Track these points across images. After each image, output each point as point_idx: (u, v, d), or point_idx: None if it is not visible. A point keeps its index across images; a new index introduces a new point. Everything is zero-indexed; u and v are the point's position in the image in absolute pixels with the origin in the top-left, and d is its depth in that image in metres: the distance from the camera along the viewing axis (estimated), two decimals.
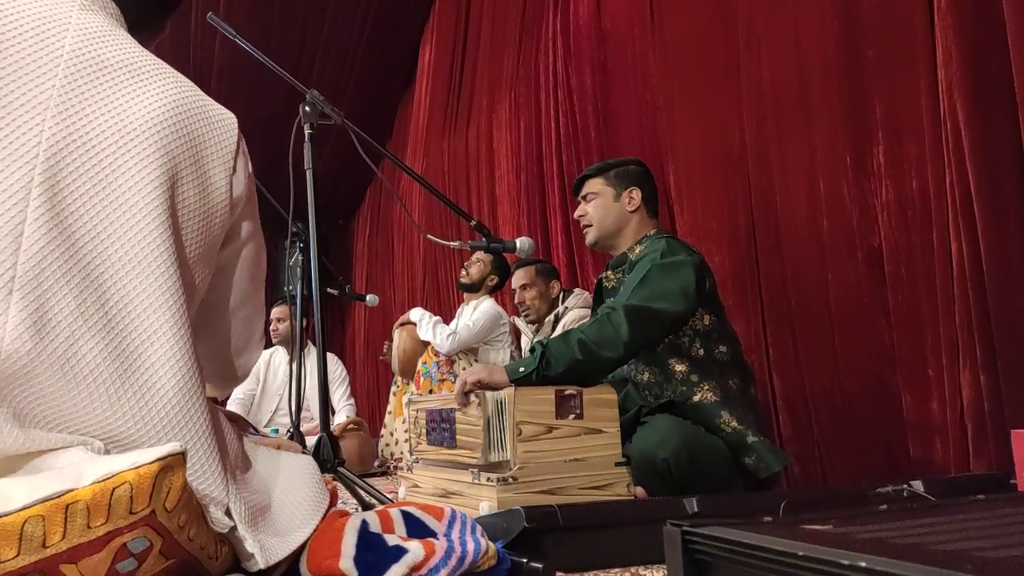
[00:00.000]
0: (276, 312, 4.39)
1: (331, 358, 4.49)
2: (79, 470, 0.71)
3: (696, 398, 1.87)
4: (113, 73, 0.91)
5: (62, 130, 0.85)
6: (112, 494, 0.69)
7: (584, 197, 2.16)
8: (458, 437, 1.77)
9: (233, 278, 1.11)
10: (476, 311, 3.69)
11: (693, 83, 2.96)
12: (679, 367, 1.92)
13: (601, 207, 2.12)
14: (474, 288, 3.80)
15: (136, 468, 0.70)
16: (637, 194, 2.10)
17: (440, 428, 1.83)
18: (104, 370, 0.82)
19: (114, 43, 0.93)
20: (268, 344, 4.61)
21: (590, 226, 2.14)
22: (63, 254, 0.81)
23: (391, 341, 4.05)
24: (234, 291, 1.11)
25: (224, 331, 1.13)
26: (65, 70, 0.87)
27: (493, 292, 3.88)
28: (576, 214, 2.20)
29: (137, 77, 0.92)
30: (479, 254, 3.81)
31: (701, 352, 1.93)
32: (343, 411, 4.29)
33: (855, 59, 2.29)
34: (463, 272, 3.84)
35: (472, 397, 1.72)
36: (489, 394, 1.69)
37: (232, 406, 4.21)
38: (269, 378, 4.39)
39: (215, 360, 1.14)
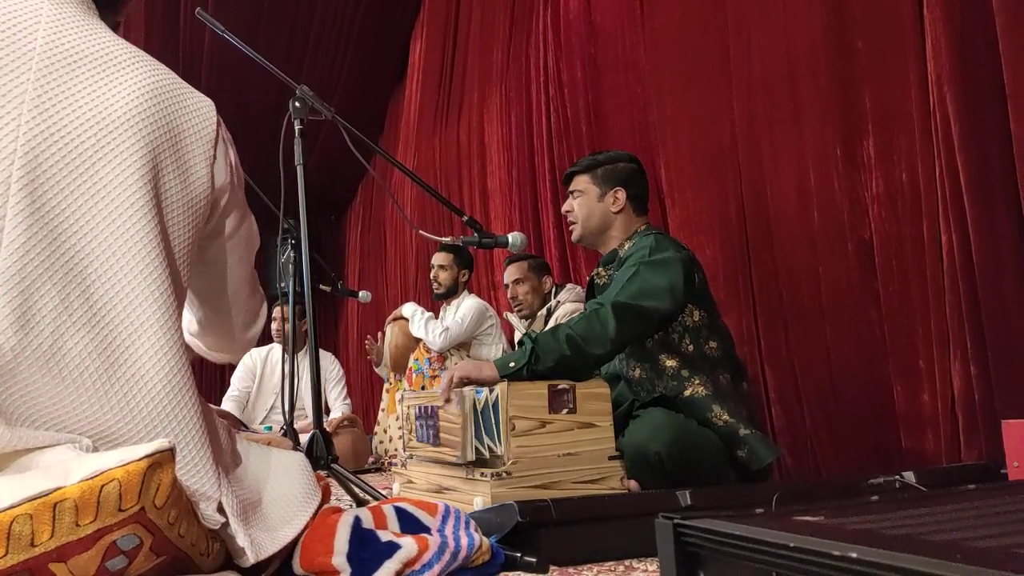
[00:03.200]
0: (278, 312, 4.36)
1: (328, 357, 4.48)
2: (67, 468, 0.71)
3: (687, 393, 1.88)
4: (88, 65, 0.90)
5: (39, 123, 0.84)
6: (100, 492, 0.68)
7: (572, 193, 2.17)
8: (441, 435, 1.77)
9: (227, 268, 1.12)
10: (461, 308, 3.70)
11: (683, 76, 2.96)
12: (669, 362, 1.93)
13: (585, 206, 2.12)
14: (451, 292, 3.82)
15: (124, 465, 0.70)
16: (622, 194, 2.10)
17: (426, 425, 1.84)
18: (90, 365, 0.81)
19: (87, 33, 0.92)
20: (267, 340, 4.59)
21: (575, 223, 2.15)
22: (45, 248, 0.81)
23: (381, 334, 4.05)
24: (230, 280, 1.13)
25: (227, 315, 1.17)
26: (39, 63, 0.86)
27: (468, 285, 3.90)
28: (564, 209, 2.21)
29: (112, 68, 0.91)
30: (439, 259, 3.84)
31: (691, 348, 1.94)
32: (339, 410, 4.28)
33: (844, 51, 2.29)
34: (435, 284, 3.86)
35: (452, 395, 1.73)
36: (467, 391, 1.69)
37: (227, 403, 4.20)
38: (266, 375, 4.37)
39: (224, 339, 1.20)
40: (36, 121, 0.84)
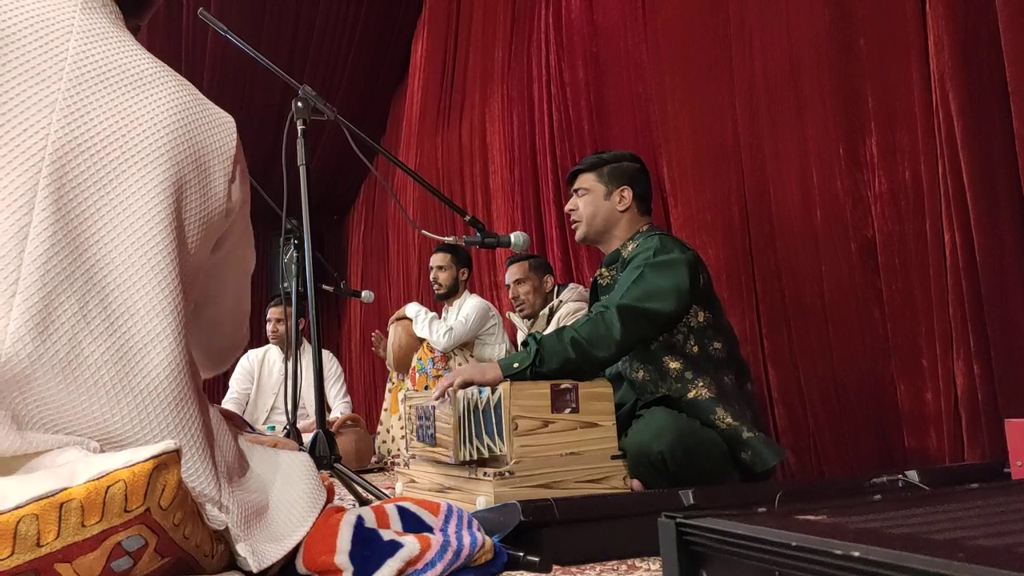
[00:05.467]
0: (274, 313, 4.37)
1: (326, 355, 4.48)
2: (73, 469, 0.71)
3: (691, 395, 1.87)
4: (117, 78, 0.91)
5: (68, 133, 0.85)
6: (106, 492, 0.69)
7: (576, 191, 2.16)
8: (437, 435, 1.78)
9: (227, 280, 1.13)
10: (464, 307, 3.71)
11: (685, 75, 2.95)
12: (673, 364, 1.92)
13: (591, 204, 2.11)
14: (452, 292, 3.83)
15: (130, 466, 0.70)
16: (628, 193, 2.10)
17: (425, 425, 1.84)
18: (105, 372, 0.82)
19: (117, 46, 0.94)
20: (264, 342, 4.61)
21: (579, 222, 2.14)
22: (67, 257, 0.82)
23: (383, 335, 4.06)
24: (228, 292, 1.14)
25: (222, 329, 1.17)
26: (70, 73, 0.87)
27: (469, 284, 3.91)
28: (567, 207, 2.20)
29: (141, 83, 0.93)
30: (437, 259, 3.84)
31: (696, 349, 1.93)
32: (339, 408, 4.29)
33: (847, 49, 2.29)
34: (435, 285, 3.86)
35: (445, 395, 1.73)
36: (460, 392, 1.70)
37: (227, 405, 4.20)
38: (264, 376, 4.38)
39: (212, 351, 1.18)
40: (65, 131, 0.85)
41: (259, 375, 4.37)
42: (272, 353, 4.43)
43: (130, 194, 0.88)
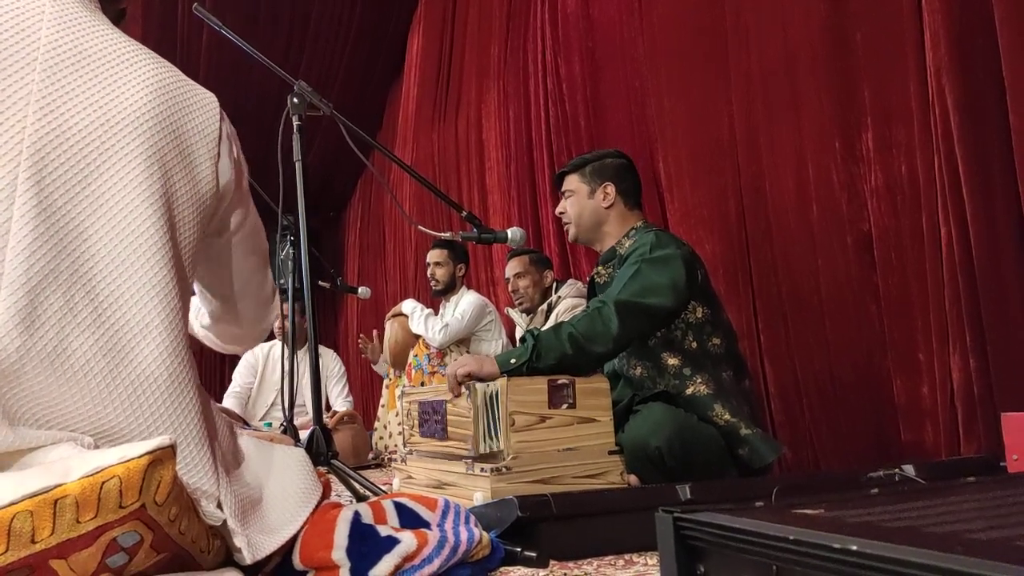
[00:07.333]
0: (284, 308, 4.34)
1: (330, 354, 4.48)
2: (68, 465, 0.70)
3: (689, 391, 1.87)
4: (93, 64, 0.89)
5: (45, 124, 0.84)
6: (101, 488, 0.68)
7: (563, 193, 2.17)
8: (449, 429, 1.77)
9: (233, 263, 1.13)
10: (461, 304, 3.71)
11: (682, 70, 2.95)
12: (672, 360, 1.92)
13: (576, 204, 2.13)
14: (449, 288, 3.82)
15: (125, 462, 0.70)
16: (611, 189, 2.10)
17: (432, 420, 1.84)
18: (95, 365, 0.81)
19: (90, 31, 0.92)
20: (270, 337, 4.59)
21: (569, 223, 2.16)
22: (51, 250, 0.81)
23: (377, 332, 4.05)
24: (238, 274, 1.14)
25: (238, 308, 1.19)
26: (43, 63, 0.86)
27: (466, 280, 3.91)
28: (557, 211, 2.22)
29: (116, 66, 0.91)
30: (434, 255, 3.83)
31: (694, 345, 1.93)
32: (339, 407, 4.28)
33: (843, 44, 2.29)
34: (432, 282, 3.85)
35: (462, 389, 1.72)
36: (479, 385, 1.69)
37: (229, 399, 4.20)
38: (268, 372, 4.36)
39: (236, 331, 1.23)
40: (42, 122, 0.84)
41: (263, 370, 4.35)
42: (278, 349, 4.40)
43: (112, 184, 0.86)
